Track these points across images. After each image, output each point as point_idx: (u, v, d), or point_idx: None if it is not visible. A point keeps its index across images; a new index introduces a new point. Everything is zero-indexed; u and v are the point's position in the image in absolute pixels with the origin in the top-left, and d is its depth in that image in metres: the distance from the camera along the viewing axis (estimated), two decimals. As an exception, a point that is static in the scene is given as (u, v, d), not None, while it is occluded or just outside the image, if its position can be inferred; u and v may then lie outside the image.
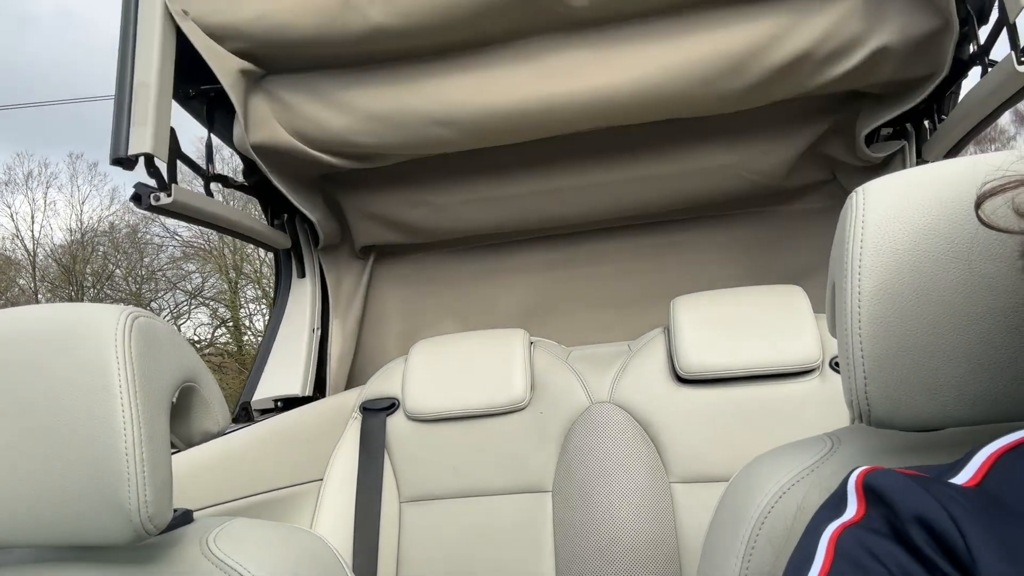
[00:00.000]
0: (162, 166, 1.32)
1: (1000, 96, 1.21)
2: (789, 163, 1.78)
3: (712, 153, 1.76)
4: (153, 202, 1.27)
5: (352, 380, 1.99)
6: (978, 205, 0.48)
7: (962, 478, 0.45)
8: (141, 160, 1.28)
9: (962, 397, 0.53)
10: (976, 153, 0.61)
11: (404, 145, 1.53)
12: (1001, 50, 1.22)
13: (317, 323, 1.82)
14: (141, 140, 1.24)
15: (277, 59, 1.45)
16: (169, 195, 1.29)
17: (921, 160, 1.56)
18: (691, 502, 1.41)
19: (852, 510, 0.45)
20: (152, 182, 1.30)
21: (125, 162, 1.26)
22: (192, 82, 1.45)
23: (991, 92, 1.23)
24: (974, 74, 1.41)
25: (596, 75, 1.38)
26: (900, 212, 0.55)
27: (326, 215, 1.81)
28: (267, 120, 1.50)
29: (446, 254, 2.10)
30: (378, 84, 1.45)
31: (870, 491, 0.45)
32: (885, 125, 1.64)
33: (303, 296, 1.83)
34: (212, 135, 1.59)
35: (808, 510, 0.53)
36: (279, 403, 1.69)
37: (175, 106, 1.40)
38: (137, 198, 1.28)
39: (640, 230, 2.03)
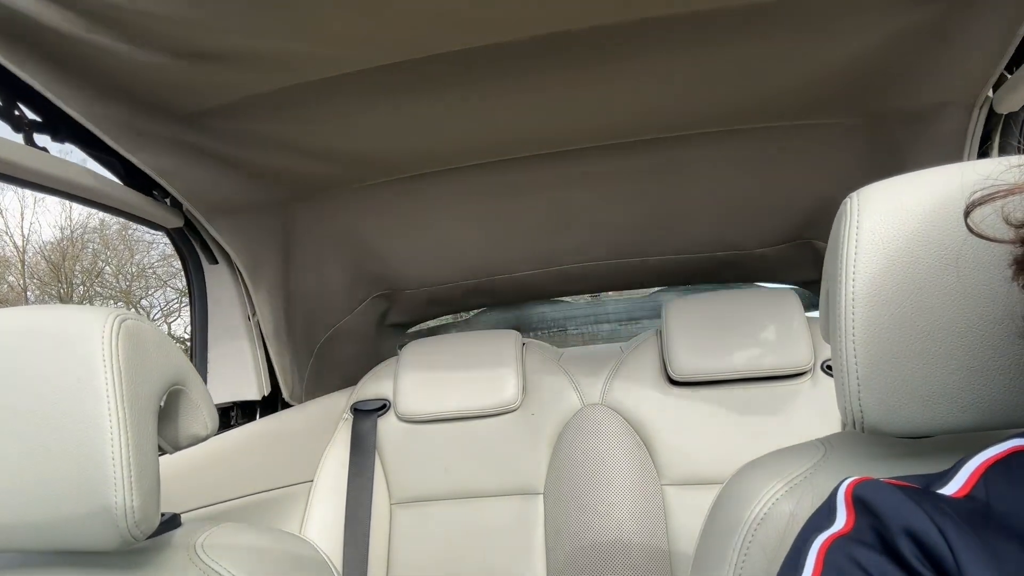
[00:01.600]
0: None
1: None
2: (847, 67, 1.26)
3: (741, 48, 1.19)
4: None
5: (303, 354, 1.72)
6: (967, 213, 0.48)
7: (951, 488, 0.45)
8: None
9: (955, 404, 0.53)
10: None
11: (295, 32, 0.97)
12: None
13: (251, 307, 1.51)
14: None
15: None
16: None
17: (992, 114, 1.21)
18: (683, 505, 1.41)
19: (841, 521, 0.45)
20: None
21: None
22: None
23: None
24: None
25: None
26: (894, 218, 0.55)
27: (183, 163, 1.25)
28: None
29: (386, 187, 1.63)
30: None
31: (859, 502, 0.45)
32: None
33: (223, 284, 1.49)
34: None
35: (801, 517, 0.53)
36: (236, 405, 1.54)
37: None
38: None
39: (629, 150, 1.57)
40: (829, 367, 1.45)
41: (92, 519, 0.59)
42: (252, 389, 1.51)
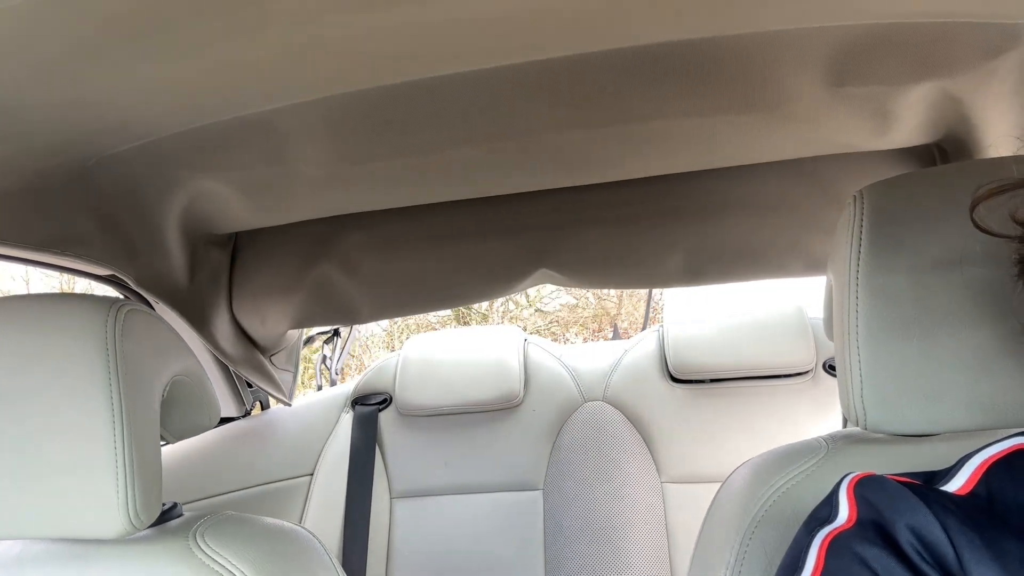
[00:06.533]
0: None
1: None
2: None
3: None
4: None
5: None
6: (973, 207, 0.48)
7: (953, 486, 0.45)
8: None
9: (958, 402, 0.53)
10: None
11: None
12: None
13: (210, 343, 1.33)
14: None
15: None
16: None
17: None
18: (683, 502, 1.41)
19: (843, 516, 0.45)
20: None
21: None
22: None
23: None
24: None
25: None
26: (899, 214, 0.55)
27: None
28: None
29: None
30: None
31: (862, 498, 0.45)
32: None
33: (175, 322, 1.29)
34: None
35: (803, 514, 0.53)
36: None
37: None
38: None
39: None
40: (830, 367, 1.45)
41: (93, 507, 0.59)
42: (231, 408, 1.51)
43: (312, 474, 1.52)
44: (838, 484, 0.47)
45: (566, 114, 0.96)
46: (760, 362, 1.42)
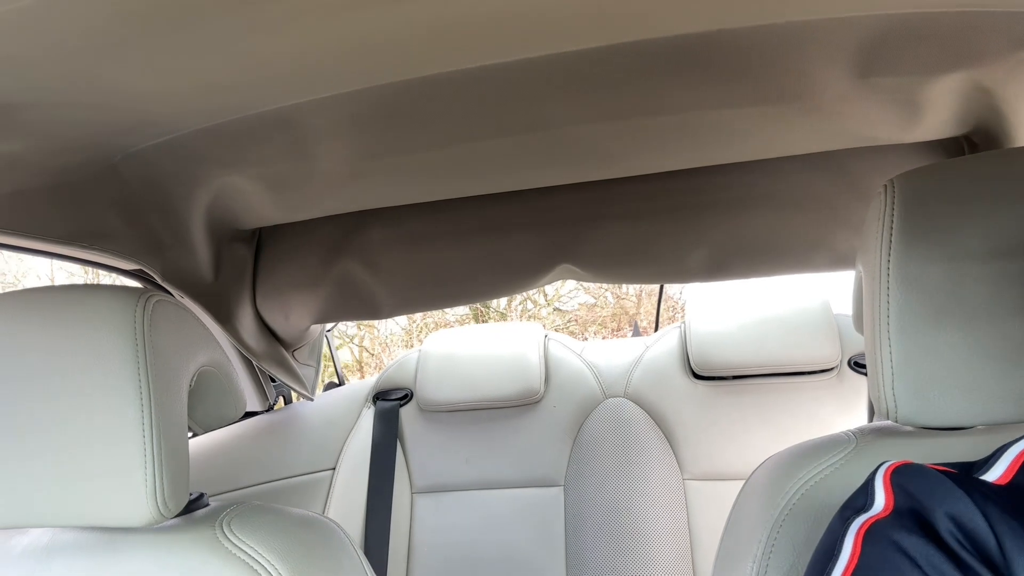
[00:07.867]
0: None
1: None
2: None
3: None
4: None
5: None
6: None
7: (992, 475, 0.44)
8: None
9: (991, 395, 0.52)
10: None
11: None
12: None
13: (232, 336, 1.35)
14: None
15: None
16: None
17: None
18: (705, 500, 1.40)
19: (879, 505, 0.44)
20: None
21: None
22: None
23: None
24: None
25: None
26: (932, 203, 0.54)
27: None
28: None
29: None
30: None
31: (899, 486, 0.44)
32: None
33: (200, 315, 1.26)
34: None
35: (831, 508, 0.52)
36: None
37: None
38: None
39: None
40: (856, 363, 1.43)
41: (121, 495, 0.60)
42: (255, 402, 1.54)
43: (334, 468, 1.53)
44: (874, 472, 0.47)
45: (590, 108, 0.96)
46: (784, 359, 1.41)
